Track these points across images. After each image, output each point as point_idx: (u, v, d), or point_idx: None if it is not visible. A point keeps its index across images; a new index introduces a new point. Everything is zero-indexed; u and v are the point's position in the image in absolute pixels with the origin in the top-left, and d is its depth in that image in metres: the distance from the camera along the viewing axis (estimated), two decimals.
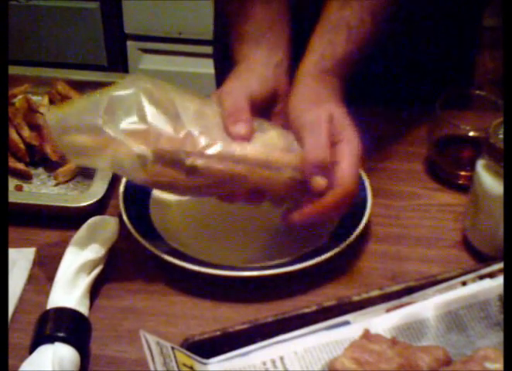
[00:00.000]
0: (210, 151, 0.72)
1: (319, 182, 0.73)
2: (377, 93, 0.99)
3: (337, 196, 0.73)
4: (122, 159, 0.71)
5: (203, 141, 0.72)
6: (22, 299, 0.76)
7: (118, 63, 2.13)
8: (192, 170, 0.72)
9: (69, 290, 0.72)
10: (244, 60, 0.80)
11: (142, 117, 0.71)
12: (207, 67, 2.06)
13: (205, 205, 0.84)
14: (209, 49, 2.04)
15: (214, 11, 1.10)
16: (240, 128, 0.73)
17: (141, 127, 0.71)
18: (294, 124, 0.76)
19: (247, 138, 0.73)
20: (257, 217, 0.83)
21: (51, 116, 0.74)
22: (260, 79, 0.78)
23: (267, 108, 0.79)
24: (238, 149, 0.73)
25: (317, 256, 0.76)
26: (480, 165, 0.77)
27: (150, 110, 0.72)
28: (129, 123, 0.71)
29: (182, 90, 0.76)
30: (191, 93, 0.76)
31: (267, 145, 0.74)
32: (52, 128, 0.73)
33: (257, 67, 0.79)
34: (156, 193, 0.85)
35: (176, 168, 0.72)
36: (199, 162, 0.72)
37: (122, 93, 0.72)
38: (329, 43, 0.78)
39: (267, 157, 0.73)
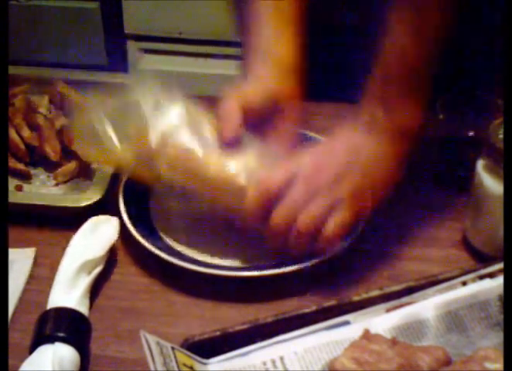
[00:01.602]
0: None
1: None
2: None
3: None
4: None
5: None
6: (22, 299, 0.76)
7: (118, 63, 2.13)
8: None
9: (69, 290, 0.72)
10: (250, 71, 0.83)
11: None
12: (207, 67, 2.07)
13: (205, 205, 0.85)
14: (209, 49, 2.05)
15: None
16: (228, 132, 0.77)
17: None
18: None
19: (232, 144, 0.77)
20: None
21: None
22: (260, 88, 0.80)
23: (271, 113, 0.80)
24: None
25: (317, 256, 0.76)
26: (480, 165, 0.77)
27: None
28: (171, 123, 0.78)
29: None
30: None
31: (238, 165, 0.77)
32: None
33: (260, 77, 0.81)
34: (156, 193, 0.85)
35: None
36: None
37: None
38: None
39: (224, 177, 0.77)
